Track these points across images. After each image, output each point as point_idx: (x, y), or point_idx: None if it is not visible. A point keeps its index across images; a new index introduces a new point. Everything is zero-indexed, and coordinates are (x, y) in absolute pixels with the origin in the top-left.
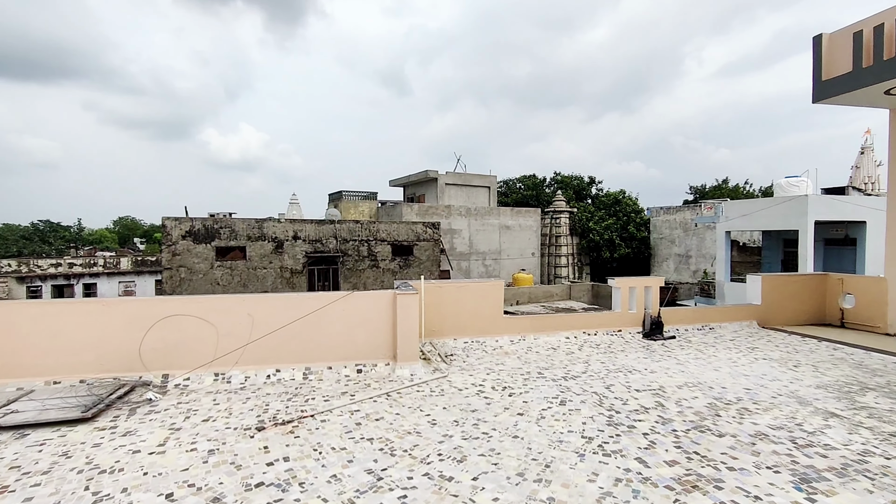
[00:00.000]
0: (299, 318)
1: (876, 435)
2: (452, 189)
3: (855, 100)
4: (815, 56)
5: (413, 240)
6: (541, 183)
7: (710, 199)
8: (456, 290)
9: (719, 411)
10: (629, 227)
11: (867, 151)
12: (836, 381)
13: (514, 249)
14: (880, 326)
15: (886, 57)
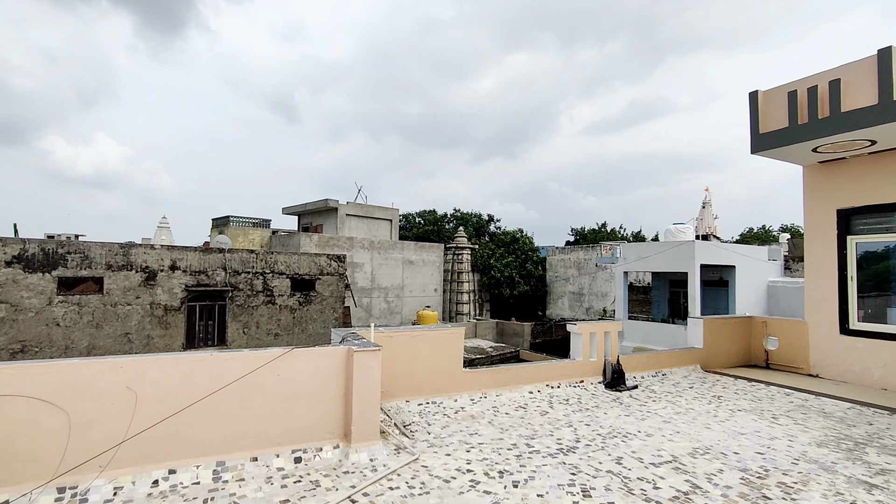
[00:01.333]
0: (216, 391)
1: None
2: (353, 220)
3: (784, 154)
4: (751, 110)
5: (316, 274)
6: (441, 218)
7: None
8: (410, 340)
9: (761, 489)
10: (527, 265)
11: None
12: (823, 435)
13: (417, 285)
14: (803, 367)
15: (821, 116)
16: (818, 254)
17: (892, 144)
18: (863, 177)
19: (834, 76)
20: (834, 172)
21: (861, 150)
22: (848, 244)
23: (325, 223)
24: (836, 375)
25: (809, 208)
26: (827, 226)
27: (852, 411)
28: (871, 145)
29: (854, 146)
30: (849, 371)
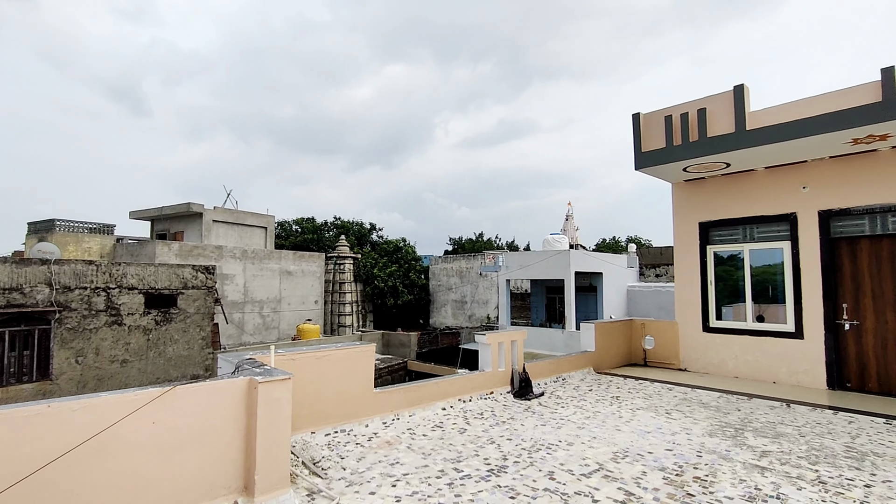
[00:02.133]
0: (58, 457)
1: (823, 489)
2: (222, 227)
3: (660, 172)
4: (634, 131)
5: (178, 287)
6: (321, 227)
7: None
8: (315, 361)
9: (683, 487)
10: (411, 274)
11: (570, 218)
12: (709, 425)
13: (296, 297)
14: (675, 363)
15: (692, 139)
16: (685, 261)
17: (742, 167)
18: (718, 195)
19: (701, 105)
20: (696, 190)
21: (718, 171)
22: (707, 253)
23: (187, 230)
24: (700, 368)
25: (677, 221)
26: (691, 237)
27: (722, 400)
28: (727, 167)
29: (714, 167)
30: (710, 363)
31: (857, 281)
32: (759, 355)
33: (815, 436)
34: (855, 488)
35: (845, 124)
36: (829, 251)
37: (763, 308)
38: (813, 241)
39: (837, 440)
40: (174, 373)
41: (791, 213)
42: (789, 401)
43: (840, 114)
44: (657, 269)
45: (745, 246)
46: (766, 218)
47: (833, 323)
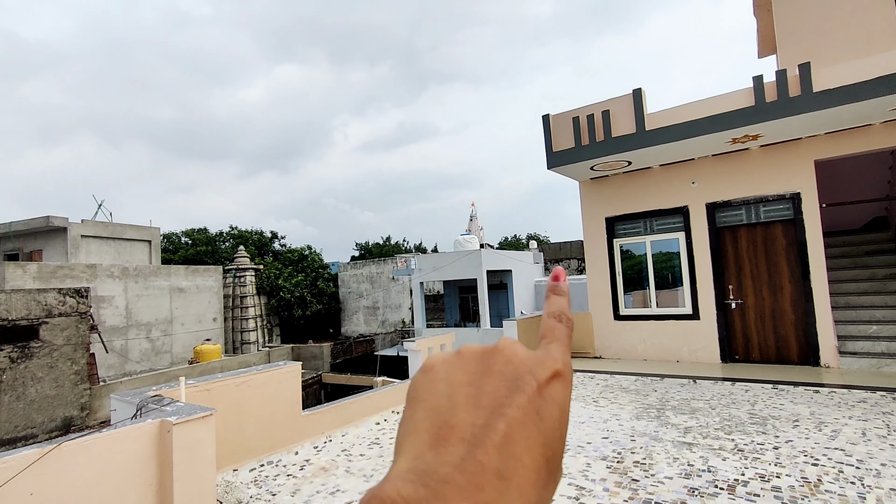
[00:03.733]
0: None
1: (743, 457)
2: (94, 243)
3: (569, 170)
4: (545, 132)
5: (40, 316)
6: (215, 238)
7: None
8: (234, 389)
9: (626, 473)
10: (319, 282)
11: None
12: (634, 408)
13: (191, 316)
14: (590, 352)
15: (598, 139)
16: (595, 255)
17: (641, 165)
18: (621, 191)
19: (605, 107)
20: (602, 187)
21: (621, 169)
22: (614, 246)
23: (46, 248)
24: (613, 354)
25: (586, 217)
26: (599, 231)
27: (639, 383)
28: (628, 165)
29: (617, 166)
30: (622, 349)
31: (739, 264)
32: (663, 337)
33: (723, 407)
34: (767, 452)
35: (726, 125)
36: (716, 239)
37: (664, 294)
38: (703, 231)
39: (741, 409)
40: (39, 418)
41: (684, 206)
42: (695, 377)
43: (722, 116)
44: (560, 264)
45: (646, 238)
46: (664, 211)
47: (722, 303)
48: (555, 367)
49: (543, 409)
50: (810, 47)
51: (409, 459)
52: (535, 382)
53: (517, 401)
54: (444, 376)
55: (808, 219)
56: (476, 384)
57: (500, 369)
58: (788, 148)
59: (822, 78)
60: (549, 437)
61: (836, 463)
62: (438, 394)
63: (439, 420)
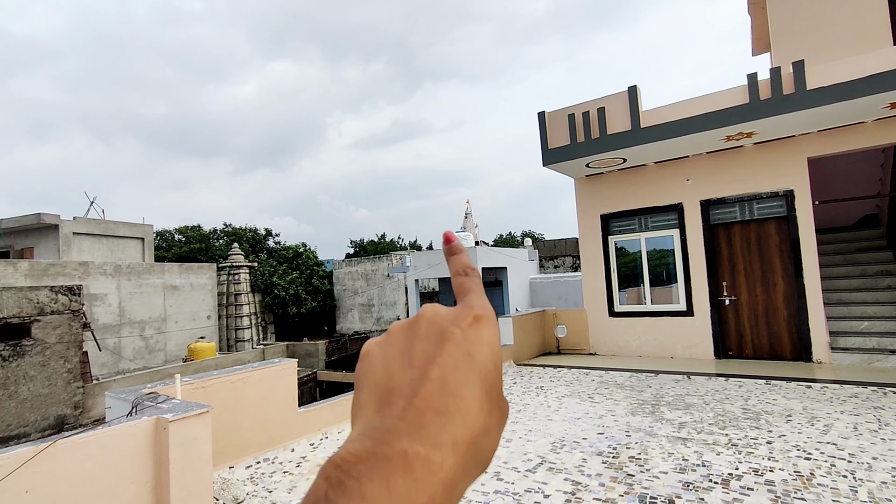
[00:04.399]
0: None
1: (736, 451)
2: (86, 240)
3: (565, 167)
4: (541, 128)
5: (32, 314)
6: (209, 235)
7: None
8: (230, 386)
9: (622, 468)
10: (314, 280)
11: (469, 216)
12: (629, 404)
13: (185, 314)
14: (585, 348)
15: (593, 137)
16: (590, 252)
17: (636, 162)
18: (616, 188)
19: (601, 104)
20: (597, 185)
21: (616, 166)
22: (609, 243)
23: (38, 245)
24: (608, 351)
25: (581, 215)
26: (594, 229)
27: (633, 379)
28: (623, 163)
29: (612, 163)
30: (616, 346)
31: (733, 261)
32: (657, 334)
33: (716, 402)
34: (760, 446)
35: (721, 123)
36: (710, 236)
37: (659, 290)
38: (697, 228)
39: (735, 404)
40: (31, 416)
41: (678, 204)
42: (689, 373)
43: (717, 113)
44: (555, 261)
45: (641, 235)
46: (659, 209)
47: (716, 299)
48: (473, 312)
49: (473, 350)
50: (804, 45)
51: (358, 427)
52: (459, 330)
53: (446, 350)
54: (379, 356)
55: (801, 216)
56: (407, 351)
57: (426, 331)
58: (782, 145)
59: (815, 76)
60: (484, 371)
61: (828, 457)
62: (376, 371)
63: (380, 390)
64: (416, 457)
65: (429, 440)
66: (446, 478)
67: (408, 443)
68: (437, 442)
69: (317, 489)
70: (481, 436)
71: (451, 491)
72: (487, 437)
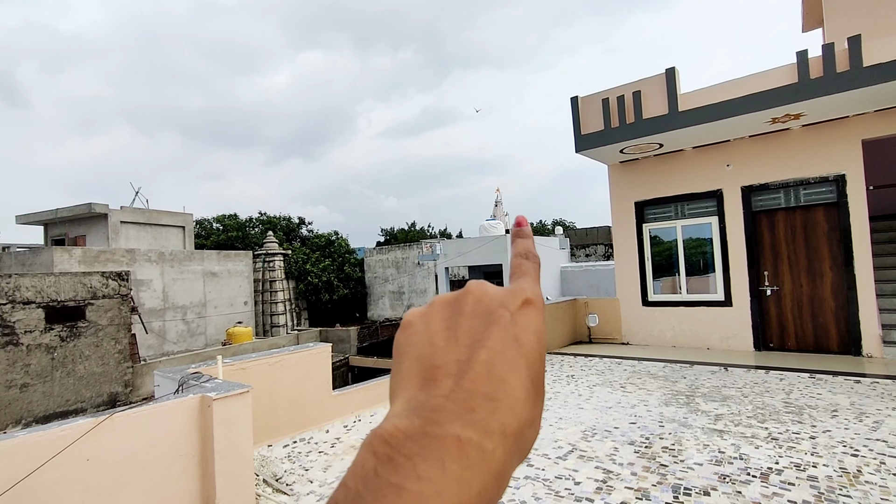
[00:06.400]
0: None
1: (777, 445)
2: (132, 229)
3: (598, 154)
4: (573, 114)
5: (86, 298)
6: (245, 223)
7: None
8: (268, 368)
9: (655, 458)
10: (345, 267)
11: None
12: (662, 394)
13: (223, 300)
14: (617, 338)
15: (628, 122)
16: (623, 240)
17: (673, 148)
18: (652, 175)
19: (636, 88)
20: (631, 171)
21: (651, 152)
22: (644, 231)
23: (89, 234)
24: (641, 341)
25: (614, 202)
26: (628, 216)
27: (667, 369)
28: (659, 148)
29: (648, 148)
30: (650, 336)
31: (776, 250)
32: (693, 324)
33: (755, 395)
34: (803, 441)
35: (766, 105)
36: (751, 224)
37: (695, 280)
38: (737, 215)
39: (775, 397)
40: (87, 393)
41: (718, 190)
42: (726, 364)
43: (762, 95)
44: (587, 249)
45: (677, 222)
46: (696, 195)
47: (756, 290)
48: (524, 296)
49: (521, 336)
50: (861, 19)
51: (402, 402)
52: (508, 313)
53: (494, 333)
54: (422, 327)
55: (853, 202)
56: (453, 326)
57: (473, 309)
58: (833, 127)
59: (873, 51)
60: (530, 359)
61: (877, 454)
62: (420, 344)
63: (425, 364)
64: (468, 442)
65: (480, 426)
66: (497, 467)
67: (460, 427)
68: (488, 429)
69: (363, 462)
70: (527, 426)
71: (501, 480)
72: (531, 428)
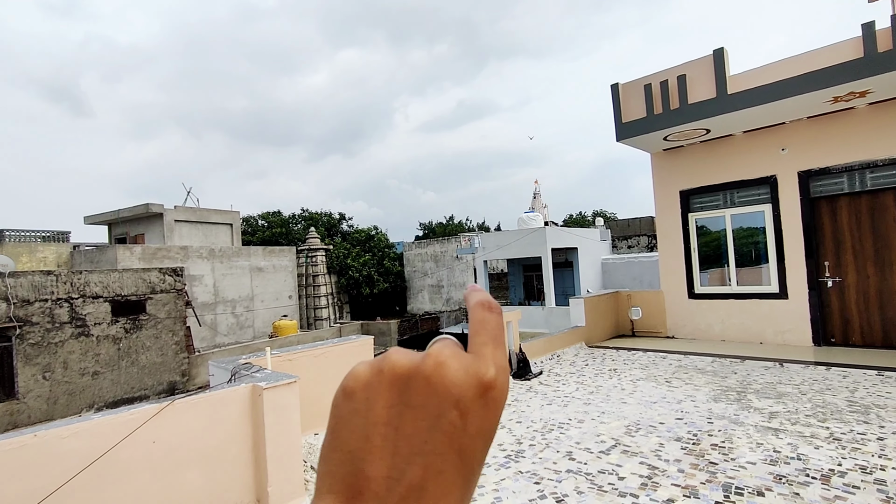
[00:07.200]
0: (49, 496)
1: (839, 446)
2: (185, 227)
3: (640, 142)
4: (614, 102)
5: (146, 292)
6: (288, 220)
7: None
8: (313, 359)
9: (703, 456)
10: (385, 262)
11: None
12: (711, 390)
13: (269, 294)
14: (662, 331)
15: (672, 107)
16: (668, 230)
17: (721, 133)
18: (697, 162)
19: (681, 72)
20: (676, 158)
21: (697, 138)
22: (689, 221)
23: (147, 232)
24: (687, 334)
25: (658, 191)
26: (672, 205)
27: (716, 364)
28: (706, 134)
29: (694, 135)
30: (697, 329)
31: (838, 238)
32: (744, 317)
33: (815, 393)
34: (869, 442)
35: (827, 83)
36: (809, 211)
37: (746, 271)
38: (793, 202)
39: (838, 395)
40: (149, 381)
41: (771, 176)
42: (781, 360)
43: (821, 72)
44: (629, 241)
45: (726, 211)
46: (747, 182)
47: (816, 281)
48: (485, 378)
49: (466, 448)
50: None
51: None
52: (458, 415)
53: (437, 443)
54: (364, 406)
55: None
56: (395, 423)
57: (423, 400)
58: None
59: None
60: (468, 475)
61: None
62: (356, 430)
63: (356, 468)
64: None
65: None
66: None
67: None
68: None
69: None
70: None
71: None
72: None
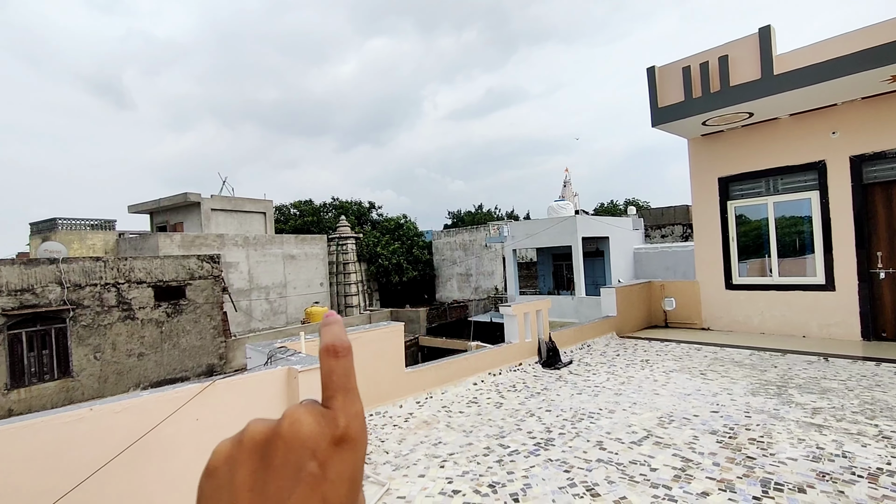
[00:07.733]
0: (101, 468)
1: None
2: (221, 215)
3: (677, 127)
4: (650, 86)
5: (186, 279)
6: (319, 208)
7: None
8: None
9: (740, 450)
10: (414, 250)
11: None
12: (749, 384)
13: (302, 281)
14: (696, 323)
15: (713, 90)
16: (705, 219)
17: (764, 117)
18: (738, 147)
19: (722, 52)
20: (714, 144)
21: (739, 122)
22: (728, 209)
23: (186, 220)
24: (724, 326)
25: (695, 178)
26: (710, 193)
27: (755, 357)
28: (749, 118)
29: (735, 119)
30: (734, 321)
31: (893, 227)
32: (786, 310)
33: (863, 389)
34: None
35: (885, 60)
36: (862, 198)
37: (789, 261)
38: (844, 189)
39: (888, 392)
40: (189, 363)
41: (820, 161)
42: (826, 354)
43: (879, 49)
44: (662, 230)
45: (768, 199)
46: (792, 168)
47: (867, 272)
48: (338, 430)
49: (329, 494)
50: None
51: None
52: (317, 466)
53: (300, 497)
54: (227, 479)
55: None
56: (259, 487)
57: (283, 460)
58: None
59: None
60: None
61: None
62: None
63: None
64: None
65: None
66: None
67: None
68: None
69: None
70: None
71: None
72: None
